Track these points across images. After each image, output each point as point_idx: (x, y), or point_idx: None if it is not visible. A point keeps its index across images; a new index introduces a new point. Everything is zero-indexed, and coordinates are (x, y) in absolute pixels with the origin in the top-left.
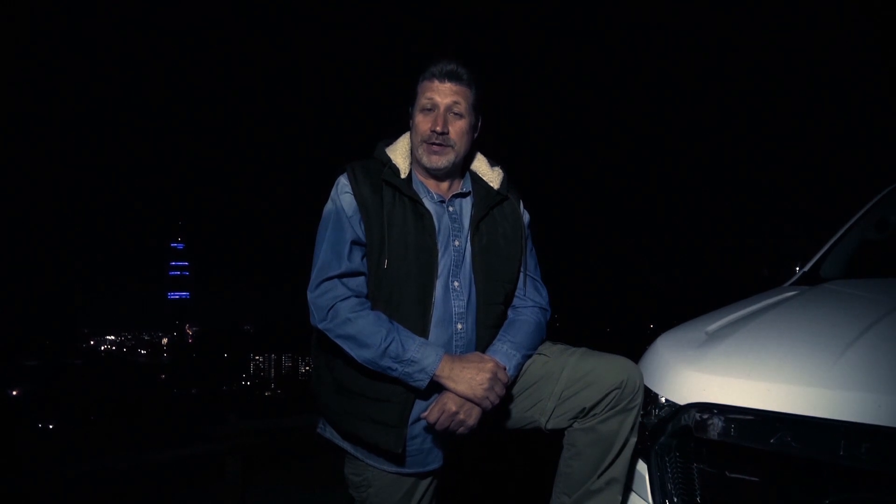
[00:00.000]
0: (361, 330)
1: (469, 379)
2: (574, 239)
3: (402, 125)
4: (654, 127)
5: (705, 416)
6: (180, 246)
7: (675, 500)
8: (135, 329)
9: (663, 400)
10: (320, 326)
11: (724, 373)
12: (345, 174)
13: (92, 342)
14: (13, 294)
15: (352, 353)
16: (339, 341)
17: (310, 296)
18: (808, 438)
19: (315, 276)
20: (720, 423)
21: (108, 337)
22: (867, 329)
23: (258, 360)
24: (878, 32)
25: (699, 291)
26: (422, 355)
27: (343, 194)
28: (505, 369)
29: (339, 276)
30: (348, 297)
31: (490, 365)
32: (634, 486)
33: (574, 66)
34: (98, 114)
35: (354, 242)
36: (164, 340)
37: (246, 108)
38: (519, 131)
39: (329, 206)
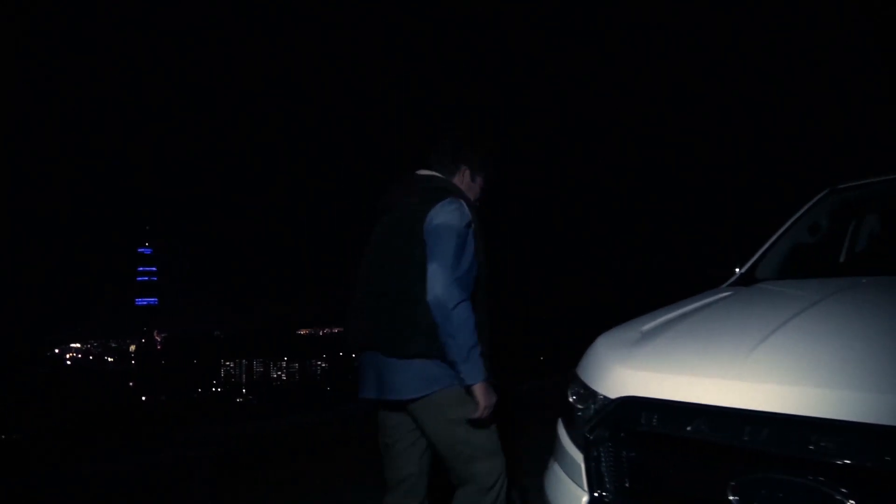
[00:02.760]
0: (472, 326)
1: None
2: (557, 242)
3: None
4: (639, 131)
5: (632, 409)
6: (148, 251)
7: (608, 486)
8: (101, 336)
9: (600, 396)
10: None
11: (652, 368)
12: (461, 200)
13: (56, 350)
14: None
15: (460, 336)
16: (457, 328)
17: (440, 291)
18: (718, 426)
19: (446, 276)
20: (645, 415)
21: (73, 345)
22: (784, 324)
23: (229, 365)
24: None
25: (665, 291)
26: (482, 365)
27: (469, 213)
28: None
29: (460, 278)
30: (465, 300)
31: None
32: (571, 475)
33: (572, 64)
34: (76, 115)
35: (472, 253)
36: (132, 347)
37: (219, 112)
38: (518, 131)
39: (461, 220)
